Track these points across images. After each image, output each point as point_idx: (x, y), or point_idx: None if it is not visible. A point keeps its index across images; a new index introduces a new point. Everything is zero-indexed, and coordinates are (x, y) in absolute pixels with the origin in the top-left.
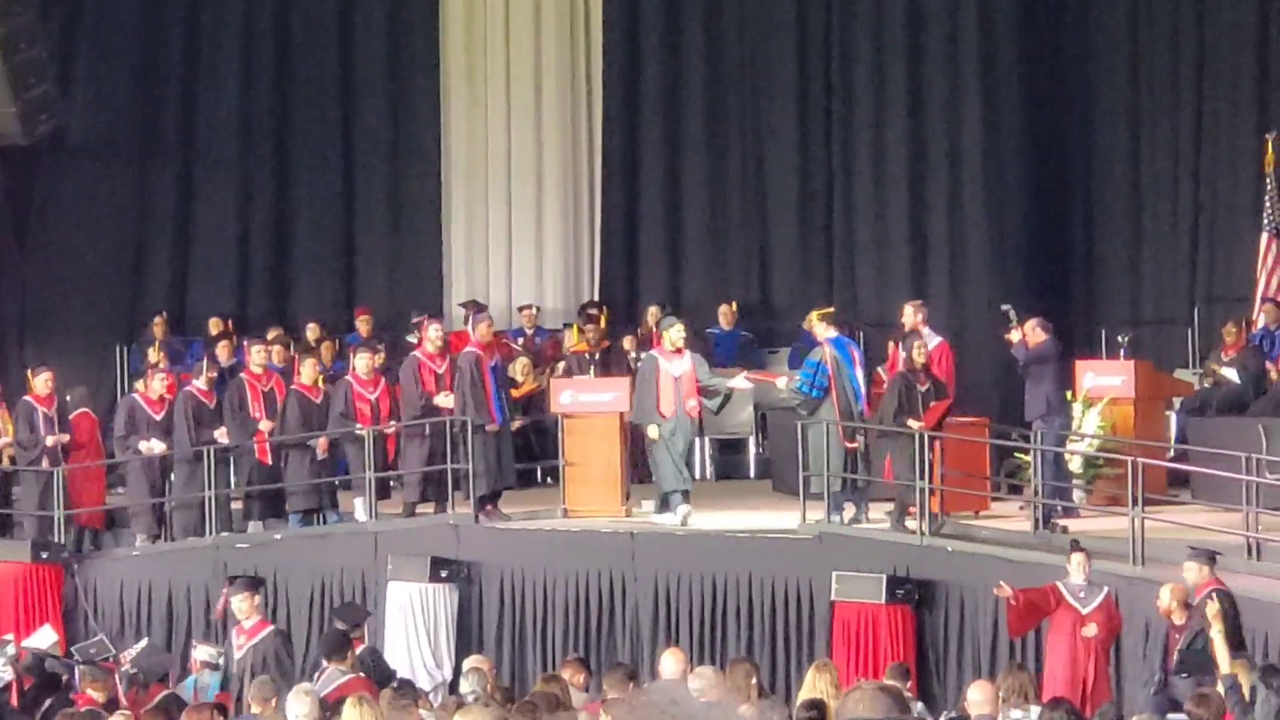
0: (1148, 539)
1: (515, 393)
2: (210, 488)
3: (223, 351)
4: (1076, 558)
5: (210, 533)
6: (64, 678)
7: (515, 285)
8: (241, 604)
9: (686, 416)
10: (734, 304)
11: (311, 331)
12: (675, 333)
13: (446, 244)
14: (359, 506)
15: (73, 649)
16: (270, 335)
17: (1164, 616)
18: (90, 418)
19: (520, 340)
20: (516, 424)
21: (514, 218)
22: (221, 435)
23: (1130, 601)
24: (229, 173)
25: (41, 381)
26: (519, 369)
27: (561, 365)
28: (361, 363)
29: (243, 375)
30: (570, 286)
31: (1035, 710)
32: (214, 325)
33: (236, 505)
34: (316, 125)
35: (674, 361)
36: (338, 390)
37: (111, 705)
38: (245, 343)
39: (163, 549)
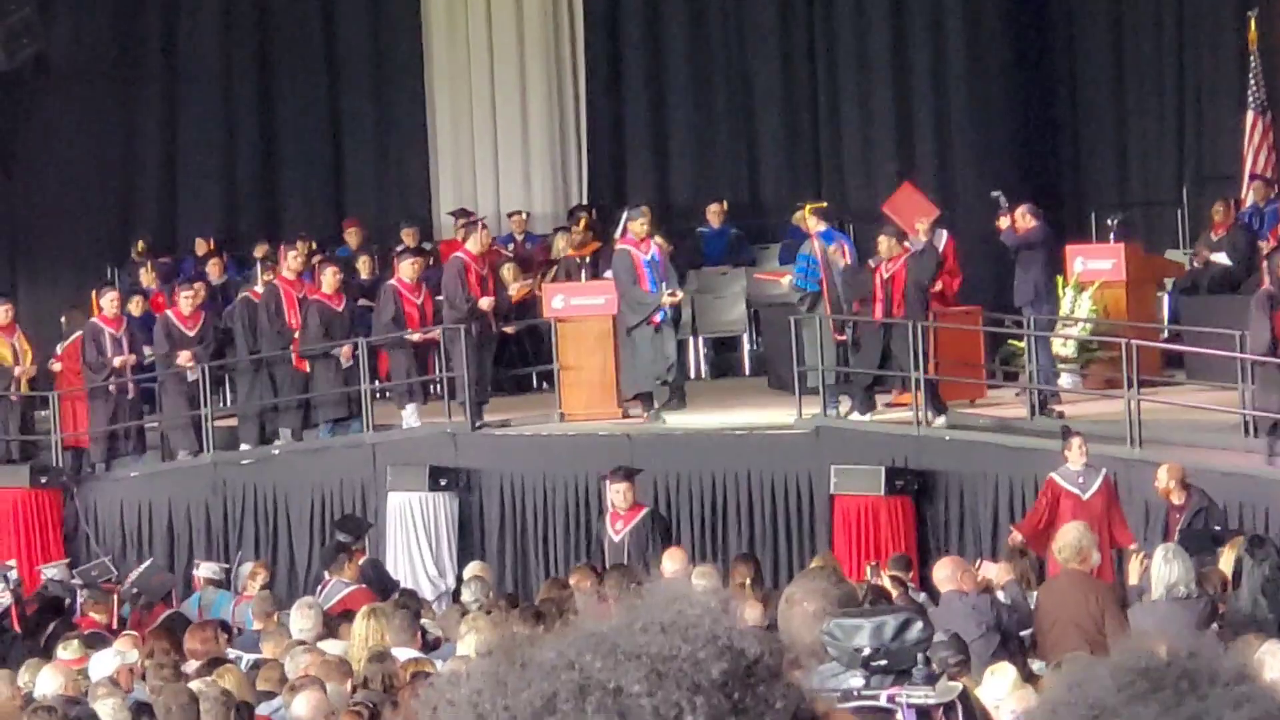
0: (1144, 421)
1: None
2: (206, 404)
3: (213, 270)
4: (1075, 442)
5: (208, 449)
6: (66, 601)
7: (503, 191)
8: None
9: None
10: (723, 202)
11: (301, 246)
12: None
13: (433, 153)
14: (409, 413)
15: (74, 572)
16: (258, 253)
17: (1163, 497)
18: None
19: (510, 246)
20: (511, 330)
21: (499, 124)
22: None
23: (1129, 484)
24: (213, 91)
25: (108, 301)
26: (507, 274)
27: (554, 270)
28: (407, 268)
29: (277, 282)
30: (559, 191)
31: (1035, 596)
32: (200, 246)
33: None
34: (298, 38)
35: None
36: (384, 296)
37: (113, 627)
38: (282, 247)
39: (161, 469)
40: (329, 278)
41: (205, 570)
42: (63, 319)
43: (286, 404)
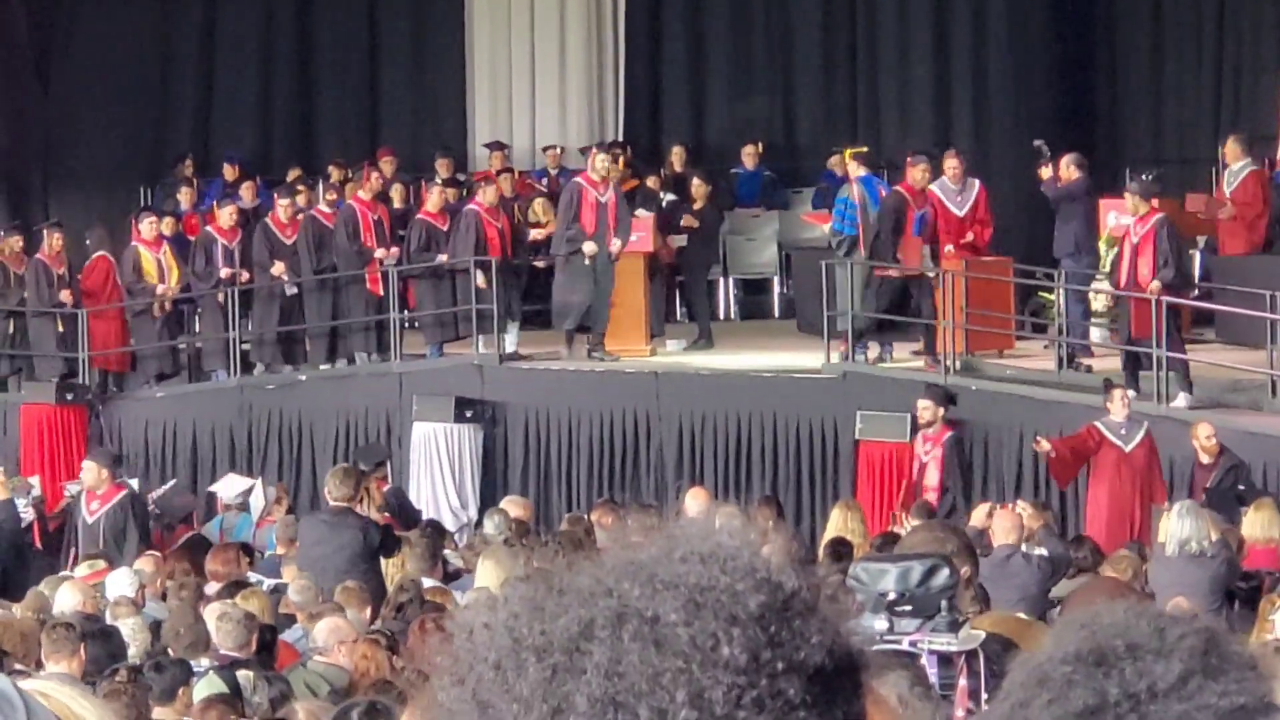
0: (1172, 378)
1: (539, 233)
2: (234, 328)
3: (246, 193)
4: (1117, 394)
5: (234, 373)
6: None
7: (539, 126)
8: None
9: None
10: (758, 144)
11: (335, 173)
12: None
13: (470, 84)
14: (510, 335)
15: None
16: (290, 177)
17: (1205, 453)
18: (107, 260)
19: (544, 180)
20: (542, 264)
21: (537, 57)
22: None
23: (1155, 439)
24: (251, 14)
25: (226, 214)
26: (539, 209)
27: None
28: (489, 192)
29: (353, 203)
30: (594, 127)
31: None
32: (229, 172)
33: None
34: None
35: None
36: (465, 219)
37: None
38: (366, 167)
39: (187, 389)
40: (435, 197)
41: (222, 493)
42: (87, 238)
43: (363, 325)
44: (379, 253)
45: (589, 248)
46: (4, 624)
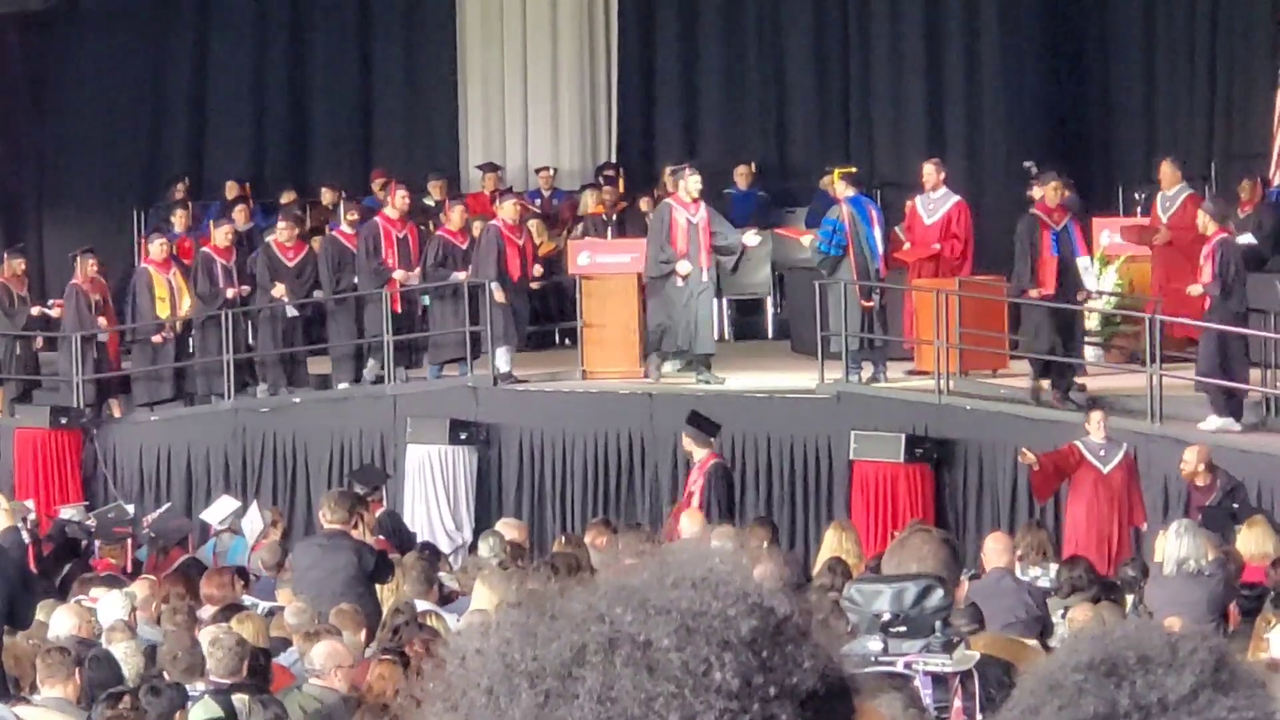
0: (1166, 396)
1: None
2: (228, 350)
3: (240, 215)
4: (1095, 416)
5: (229, 396)
6: (83, 543)
7: (532, 147)
8: None
9: None
10: (751, 164)
11: (326, 195)
12: None
13: (463, 106)
14: (501, 356)
15: (91, 515)
16: (284, 199)
17: (1187, 479)
18: (99, 283)
19: (538, 202)
20: (535, 285)
21: (530, 79)
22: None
23: (1149, 459)
24: (245, 37)
25: (222, 234)
26: (533, 230)
27: (580, 227)
28: (509, 208)
29: (377, 220)
30: (587, 148)
31: (1053, 568)
32: (230, 189)
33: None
34: None
35: None
36: (487, 235)
37: (129, 570)
38: (391, 184)
39: (181, 413)
40: (456, 216)
41: (212, 518)
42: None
43: (383, 343)
44: (398, 274)
45: (683, 267)
46: None
